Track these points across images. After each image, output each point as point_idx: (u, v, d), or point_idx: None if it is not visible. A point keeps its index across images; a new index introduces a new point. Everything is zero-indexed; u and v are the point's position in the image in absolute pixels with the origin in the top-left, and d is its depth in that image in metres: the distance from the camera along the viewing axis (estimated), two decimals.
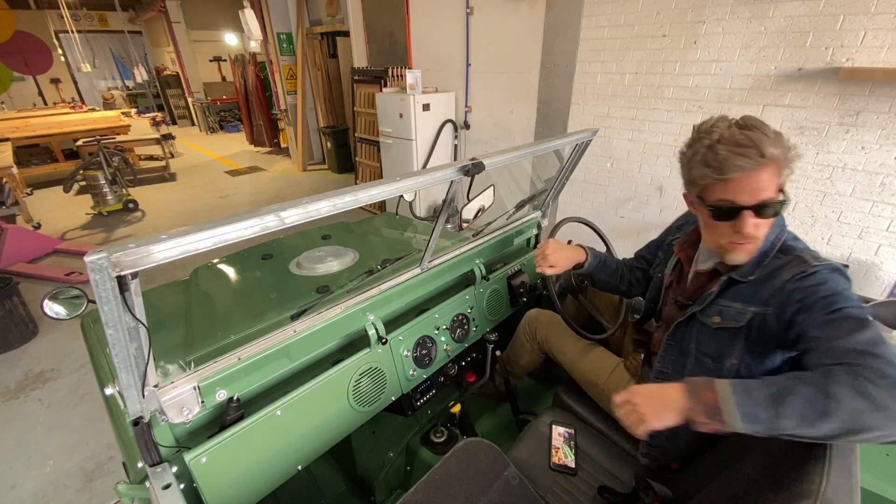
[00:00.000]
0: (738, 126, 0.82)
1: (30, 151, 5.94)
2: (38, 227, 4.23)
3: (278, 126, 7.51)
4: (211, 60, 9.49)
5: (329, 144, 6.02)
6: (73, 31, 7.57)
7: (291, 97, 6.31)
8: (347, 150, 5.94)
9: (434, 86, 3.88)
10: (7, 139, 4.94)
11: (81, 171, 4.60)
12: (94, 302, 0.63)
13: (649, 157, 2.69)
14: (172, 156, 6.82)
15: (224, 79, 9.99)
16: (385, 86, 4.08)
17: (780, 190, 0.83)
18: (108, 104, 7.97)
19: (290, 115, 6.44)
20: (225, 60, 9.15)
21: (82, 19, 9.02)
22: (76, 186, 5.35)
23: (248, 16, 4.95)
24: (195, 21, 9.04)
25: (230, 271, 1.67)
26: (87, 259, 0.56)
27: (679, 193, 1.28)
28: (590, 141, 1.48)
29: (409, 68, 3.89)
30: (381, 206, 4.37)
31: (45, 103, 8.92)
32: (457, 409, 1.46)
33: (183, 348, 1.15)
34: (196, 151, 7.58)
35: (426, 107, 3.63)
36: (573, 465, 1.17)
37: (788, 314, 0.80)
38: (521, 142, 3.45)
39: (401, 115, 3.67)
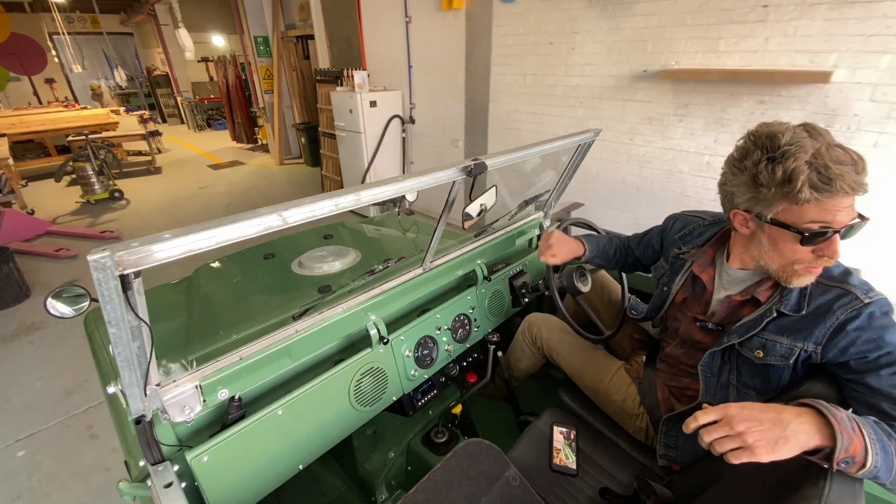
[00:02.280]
0: (812, 135, 0.77)
1: (25, 147, 6.32)
2: (32, 212, 4.51)
3: (257, 123, 7.88)
4: (199, 61, 9.73)
5: (303, 139, 6.35)
6: (64, 34, 7.79)
7: (269, 96, 6.69)
8: (319, 144, 6.37)
9: (383, 85, 4.33)
10: (3, 135, 5.22)
11: (71, 163, 4.96)
12: (96, 300, 0.63)
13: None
14: (159, 151, 7.23)
15: (212, 79, 10.30)
16: (340, 85, 4.46)
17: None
18: (96, 95, 8.29)
19: (268, 112, 6.80)
20: (212, 61, 9.49)
21: (76, 22, 9.39)
22: (67, 178, 5.68)
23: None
24: (184, 22, 9.48)
25: (232, 271, 1.68)
26: (90, 258, 0.56)
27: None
28: (592, 141, 1.48)
29: (364, 70, 4.30)
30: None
31: (40, 102, 9.16)
32: (458, 409, 1.45)
33: (185, 347, 1.15)
34: (182, 147, 8.02)
35: (373, 103, 4.06)
36: (574, 467, 1.17)
37: (844, 358, 0.80)
38: (456, 135, 3.90)
39: (350, 111, 4.12)
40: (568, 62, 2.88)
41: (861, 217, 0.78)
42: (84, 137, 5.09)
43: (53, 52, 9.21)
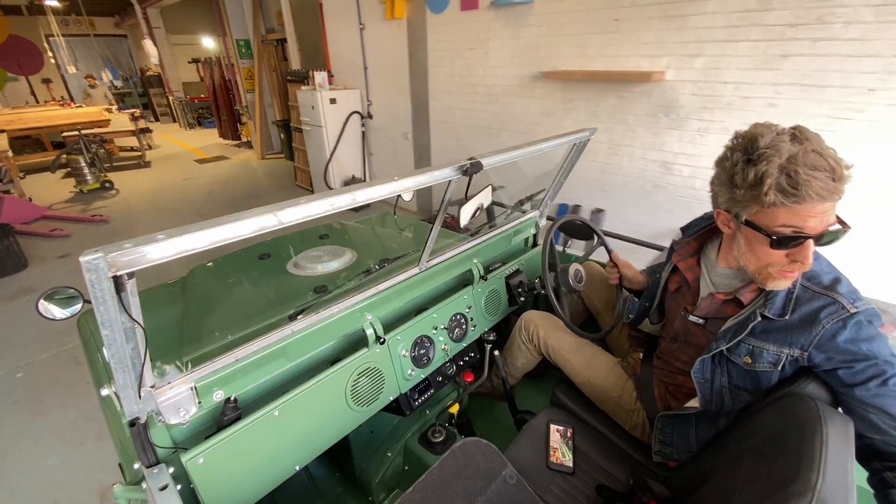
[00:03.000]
0: (795, 139, 0.76)
1: (23, 142, 6.74)
2: (30, 200, 4.83)
3: (241, 121, 8.25)
4: (189, 62, 9.97)
5: (282, 135, 6.60)
6: (58, 35, 8.19)
7: (251, 95, 7.11)
8: None
9: (344, 84, 4.87)
10: (3, 131, 5.60)
11: (65, 156, 5.34)
12: (90, 302, 0.62)
13: (476, 135, 3.74)
14: (150, 147, 7.68)
15: (202, 79, 10.74)
16: (306, 84, 4.85)
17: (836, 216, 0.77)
18: (91, 86, 8.64)
19: (250, 110, 7.27)
20: (201, 62, 10.10)
21: (72, 24, 9.76)
22: (62, 171, 6.16)
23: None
24: (174, 26, 9.93)
25: (227, 271, 1.67)
26: (82, 259, 0.55)
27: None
28: (588, 140, 1.48)
29: (326, 71, 4.81)
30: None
31: (37, 101, 9.47)
32: (455, 408, 1.46)
33: (180, 348, 1.15)
34: (172, 144, 8.54)
35: (333, 100, 4.55)
36: (571, 465, 1.18)
37: (830, 366, 0.81)
38: (406, 128, 4.35)
39: (313, 108, 4.61)
40: (485, 65, 3.38)
41: (842, 223, 0.78)
42: (77, 133, 5.36)
43: (50, 54, 9.63)
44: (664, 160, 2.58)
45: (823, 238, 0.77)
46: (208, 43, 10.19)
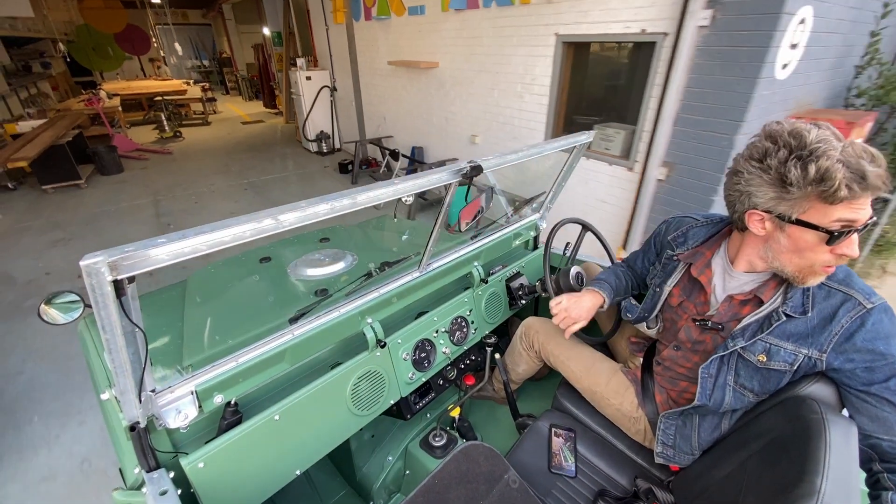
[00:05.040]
0: (839, 137, 0.76)
1: (130, 104, 9.29)
2: (130, 139, 7.12)
3: (275, 94, 10.48)
4: (252, 46, 12.33)
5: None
6: (153, 26, 11.58)
7: (280, 74, 8.81)
8: None
9: (321, 67, 6.98)
10: (117, 95, 8.20)
11: (152, 112, 8.70)
12: (90, 306, 0.62)
13: (380, 98, 5.75)
14: (214, 112, 10.39)
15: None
16: (295, 66, 6.84)
17: None
18: (158, 67, 12.15)
19: (280, 85, 8.99)
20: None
21: (170, 15, 12.33)
22: (151, 125, 8.94)
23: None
24: (241, 17, 12.62)
25: (228, 275, 1.67)
26: (82, 263, 0.55)
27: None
28: (588, 143, 1.48)
29: (314, 57, 7.12)
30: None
31: (146, 76, 12.58)
32: (456, 412, 1.45)
33: (180, 353, 1.14)
34: (231, 111, 11.16)
35: (308, 78, 6.58)
36: (573, 469, 1.17)
37: (850, 366, 0.81)
38: (351, 97, 6.32)
39: (296, 83, 6.64)
40: (377, 56, 5.33)
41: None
42: (161, 98, 8.33)
43: (154, 39, 12.47)
44: (445, 116, 4.57)
45: (864, 230, 0.77)
46: (267, 31, 12.03)
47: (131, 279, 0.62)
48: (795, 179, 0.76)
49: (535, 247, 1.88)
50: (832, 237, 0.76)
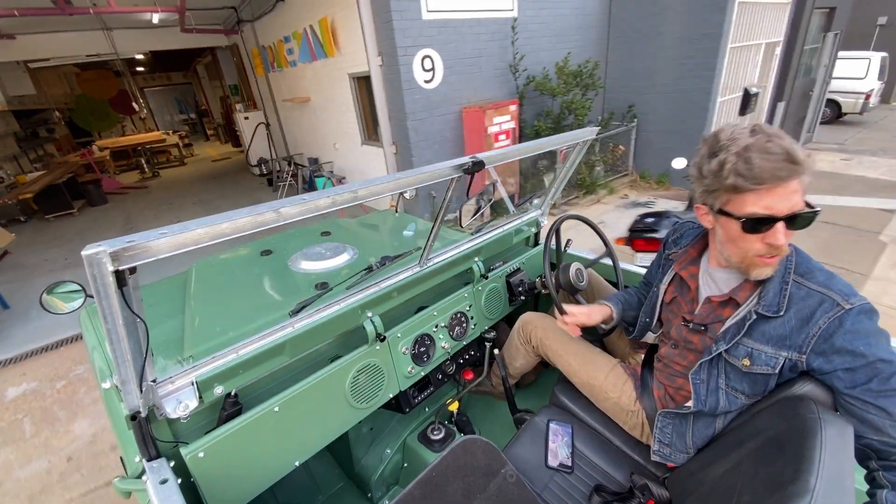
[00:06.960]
0: (754, 132, 0.81)
1: (117, 152, 10.71)
2: (116, 179, 8.72)
3: (237, 135, 11.98)
4: (219, 98, 14.05)
5: None
6: (135, 89, 12.81)
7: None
8: None
9: (259, 108, 8.83)
10: (108, 147, 10.09)
11: (135, 158, 10.01)
12: (92, 296, 0.63)
13: (296, 123, 7.57)
14: (192, 154, 12.08)
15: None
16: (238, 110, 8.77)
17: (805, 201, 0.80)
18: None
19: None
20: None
21: (155, 78, 15.28)
22: (135, 171, 10.38)
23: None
24: (211, 74, 14.06)
25: (229, 267, 1.67)
26: (84, 253, 0.55)
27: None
28: (590, 140, 1.48)
29: (253, 101, 9.10)
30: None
31: (136, 130, 14.41)
32: (454, 406, 1.46)
33: (181, 344, 1.15)
34: (206, 152, 12.69)
35: (246, 118, 8.28)
36: (570, 464, 1.18)
37: (830, 368, 0.81)
38: (277, 128, 8.11)
39: (238, 122, 8.53)
40: (285, 96, 7.34)
41: (809, 206, 0.80)
42: (141, 147, 10.00)
43: (135, 102, 13.79)
44: (322, 133, 6.50)
45: (796, 222, 0.80)
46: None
47: (133, 270, 0.62)
48: (706, 172, 0.86)
49: (536, 243, 1.88)
50: (744, 224, 0.82)
